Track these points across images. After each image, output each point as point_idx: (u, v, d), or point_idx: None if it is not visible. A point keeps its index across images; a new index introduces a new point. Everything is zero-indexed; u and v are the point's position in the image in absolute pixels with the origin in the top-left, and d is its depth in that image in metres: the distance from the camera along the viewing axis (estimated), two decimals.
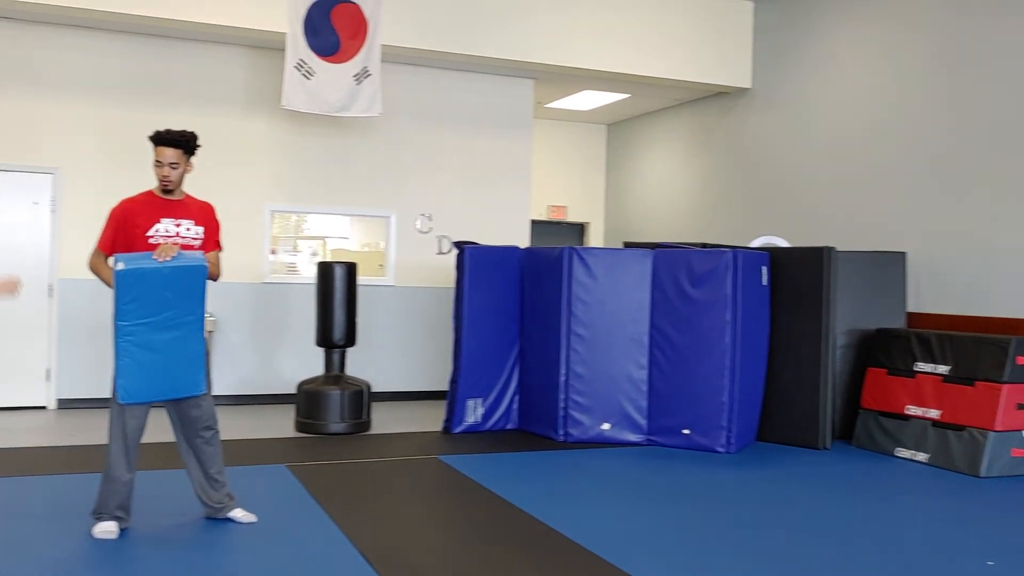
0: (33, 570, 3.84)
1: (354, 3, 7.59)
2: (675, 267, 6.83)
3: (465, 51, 8.23)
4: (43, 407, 7.82)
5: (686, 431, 6.74)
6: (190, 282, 4.26)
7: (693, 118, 10.41)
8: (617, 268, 6.99)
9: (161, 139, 4.41)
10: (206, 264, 4.33)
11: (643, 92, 9.94)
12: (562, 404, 7.00)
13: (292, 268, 9.09)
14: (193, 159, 4.52)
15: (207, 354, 4.55)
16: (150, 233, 4.37)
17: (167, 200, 4.48)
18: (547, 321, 7.12)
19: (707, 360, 6.66)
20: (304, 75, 7.50)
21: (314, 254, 9.30)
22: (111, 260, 4.29)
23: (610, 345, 6.96)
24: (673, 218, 10.64)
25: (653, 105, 10.74)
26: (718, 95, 9.86)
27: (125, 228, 4.38)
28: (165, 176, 4.41)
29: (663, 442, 6.84)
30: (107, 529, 4.32)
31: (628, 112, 11.18)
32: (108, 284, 4.30)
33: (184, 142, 4.43)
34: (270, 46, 8.14)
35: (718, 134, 9.96)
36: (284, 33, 7.44)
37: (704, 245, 7.41)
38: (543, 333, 7.17)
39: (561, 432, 7.00)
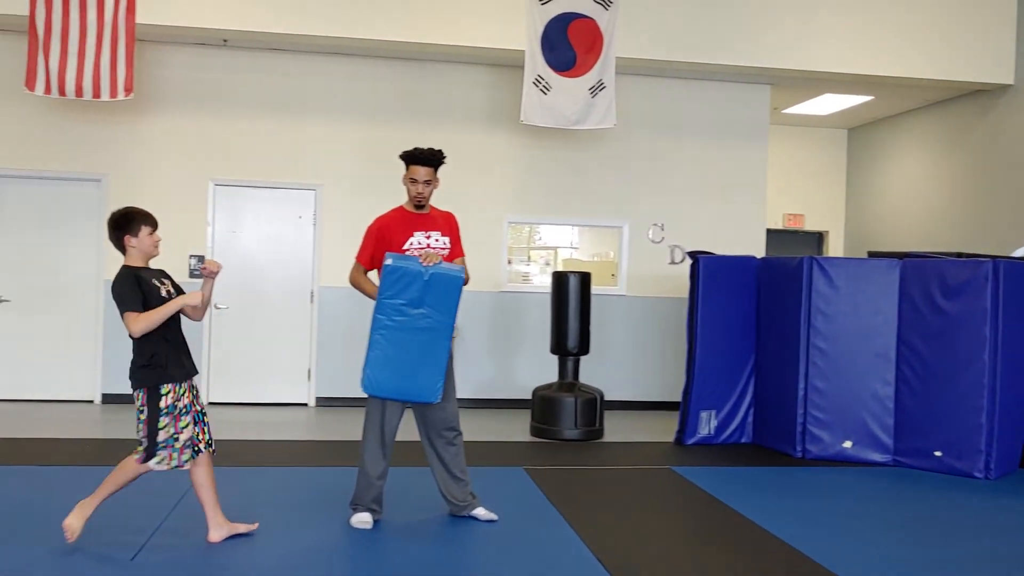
0: (297, 552, 4.22)
1: (590, 18, 7.74)
2: (926, 278, 6.44)
3: (701, 60, 8.17)
4: (304, 404, 8.53)
5: (938, 453, 6.32)
6: (447, 291, 4.46)
7: (945, 119, 9.73)
8: (861, 279, 6.68)
9: (414, 158, 4.67)
10: (464, 276, 4.54)
11: (888, 94, 9.42)
12: (800, 419, 6.77)
13: (526, 278, 9.37)
14: (437, 174, 4.77)
15: (451, 358, 4.78)
16: (405, 246, 4.66)
17: (418, 214, 4.76)
18: (785, 333, 6.92)
19: (963, 378, 6.22)
20: (541, 90, 7.74)
21: (547, 264, 9.54)
22: (386, 258, 4.54)
23: (853, 359, 6.65)
24: (922, 226, 9.99)
25: (899, 107, 10.15)
26: (974, 93, 9.16)
27: (382, 243, 4.68)
28: (419, 193, 4.69)
29: (911, 464, 6.45)
30: (363, 520, 4.65)
31: (871, 115, 10.62)
32: (370, 296, 4.61)
33: (435, 160, 4.69)
34: (510, 64, 8.46)
35: (975, 135, 9.26)
36: (523, 51, 7.71)
37: (959, 255, 6.92)
38: (780, 345, 6.97)
39: (799, 448, 6.77)
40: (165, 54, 8.26)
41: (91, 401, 8.22)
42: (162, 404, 4.03)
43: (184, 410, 4.08)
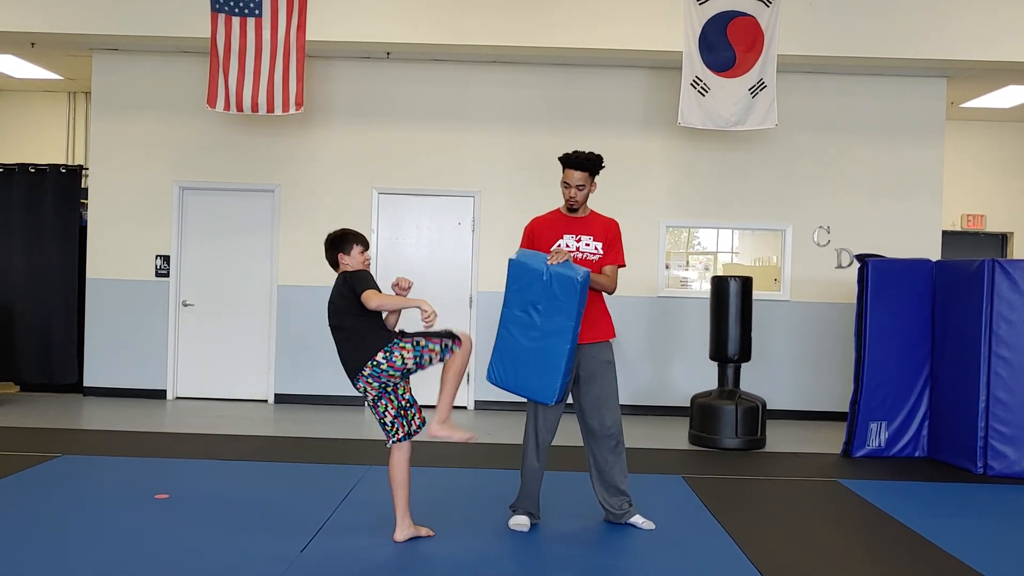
0: (455, 553, 4.30)
1: (750, 15, 7.54)
2: None
3: (871, 54, 7.79)
4: (464, 407, 8.69)
5: None
6: (564, 292, 4.34)
7: None
8: None
9: (569, 162, 4.67)
10: (582, 279, 4.35)
11: None
12: (981, 433, 6.33)
13: (684, 283, 9.21)
14: (597, 179, 4.75)
15: (612, 364, 4.72)
16: (553, 248, 4.65)
17: (571, 217, 4.76)
18: (963, 341, 6.50)
19: None
20: (699, 92, 7.60)
21: (706, 269, 9.35)
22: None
23: None
24: None
25: None
26: None
27: (534, 243, 4.72)
28: (571, 197, 4.69)
29: None
30: (520, 523, 4.68)
31: None
32: None
33: (591, 164, 4.66)
34: (666, 66, 8.36)
35: None
36: (680, 52, 7.59)
37: None
38: (958, 354, 6.55)
39: (980, 464, 6.34)
40: (332, 69, 8.62)
41: (265, 400, 8.67)
42: (371, 395, 4.31)
43: (395, 377, 4.28)
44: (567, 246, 4.68)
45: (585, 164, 4.65)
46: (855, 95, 8.70)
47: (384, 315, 4.35)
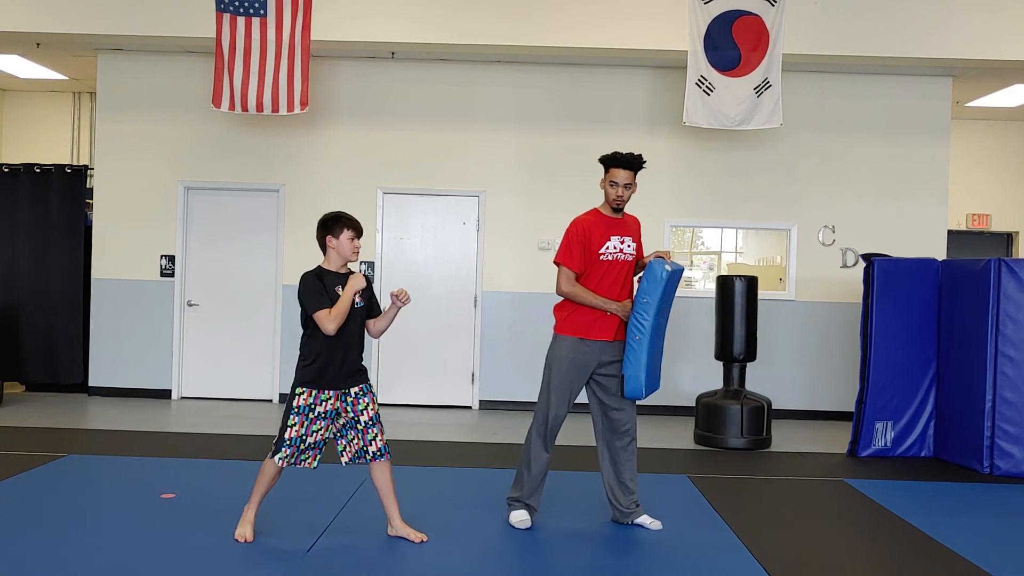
0: (463, 551, 4.30)
1: (756, 15, 7.53)
2: None
3: (876, 53, 7.78)
4: (468, 407, 8.69)
5: None
6: (675, 287, 4.61)
7: None
8: None
9: (616, 161, 4.61)
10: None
11: None
12: (988, 433, 6.32)
13: (689, 283, 9.20)
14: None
15: None
16: (601, 251, 4.61)
17: (614, 219, 4.71)
18: (969, 341, 6.48)
19: None
20: (704, 91, 7.59)
21: (710, 268, 9.34)
22: (656, 263, 4.52)
23: None
24: None
25: None
26: None
27: (591, 244, 4.60)
28: (619, 196, 4.63)
29: None
30: (521, 518, 4.67)
31: None
32: (593, 306, 4.56)
33: (636, 164, 4.62)
34: (671, 65, 8.35)
35: None
36: (685, 51, 7.59)
37: None
38: (965, 354, 6.54)
39: (986, 464, 6.33)
40: (337, 69, 8.62)
41: (270, 400, 8.67)
42: (295, 404, 4.19)
43: (323, 415, 4.20)
44: (615, 247, 4.64)
45: (633, 163, 4.61)
46: (860, 94, 8.69)
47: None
